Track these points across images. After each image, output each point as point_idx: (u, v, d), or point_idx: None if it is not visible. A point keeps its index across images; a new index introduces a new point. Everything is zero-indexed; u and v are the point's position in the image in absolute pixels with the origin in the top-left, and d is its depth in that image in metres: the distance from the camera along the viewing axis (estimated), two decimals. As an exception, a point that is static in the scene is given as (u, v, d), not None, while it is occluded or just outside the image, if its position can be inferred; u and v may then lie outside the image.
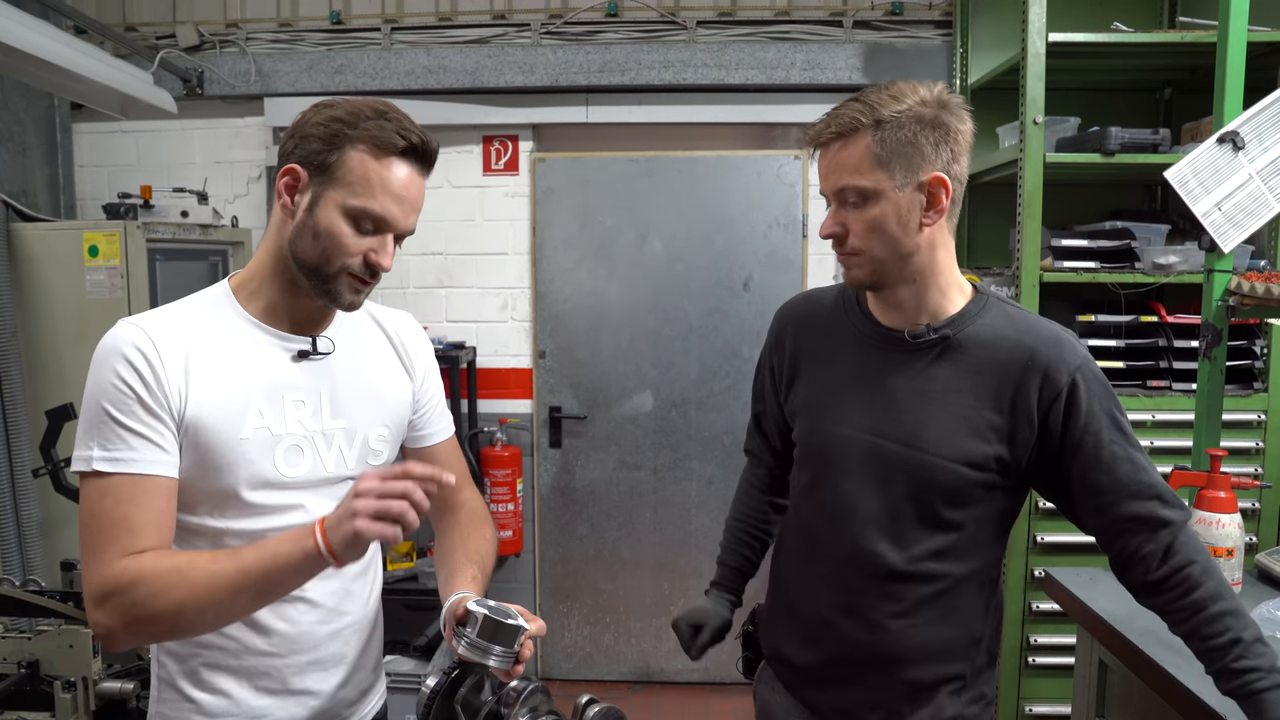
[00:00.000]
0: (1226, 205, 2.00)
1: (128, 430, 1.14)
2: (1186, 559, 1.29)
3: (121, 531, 1.12)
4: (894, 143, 1.28)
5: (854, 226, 1.33)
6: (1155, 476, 1.33)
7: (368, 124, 1.18)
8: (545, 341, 3.89)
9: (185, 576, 1.09)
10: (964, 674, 1.43)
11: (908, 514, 1.38)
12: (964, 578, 1.40)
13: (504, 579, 3.97)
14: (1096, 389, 1.33)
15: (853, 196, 1.32)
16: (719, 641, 1.70)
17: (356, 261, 1.21)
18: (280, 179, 1.21)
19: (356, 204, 1.18)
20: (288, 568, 1.10)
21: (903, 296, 1.38)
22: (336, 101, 1.22)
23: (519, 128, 3.82)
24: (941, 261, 1.37)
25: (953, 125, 1.30)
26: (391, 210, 1.20)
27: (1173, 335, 2.86)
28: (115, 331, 1.18)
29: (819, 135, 1.34)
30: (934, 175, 1.29)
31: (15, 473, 3.01)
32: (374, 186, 1.18)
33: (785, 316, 1.60)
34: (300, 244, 1.21)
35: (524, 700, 1.12)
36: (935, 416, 1.36)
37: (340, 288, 1.22)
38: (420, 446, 1.47)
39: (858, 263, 1.36)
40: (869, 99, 1.30)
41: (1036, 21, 2.70)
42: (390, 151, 1.19)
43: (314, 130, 1.19)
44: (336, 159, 1.18)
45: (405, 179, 1.21)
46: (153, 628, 1.13)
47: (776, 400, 1.61)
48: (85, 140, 3.90)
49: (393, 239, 1.23)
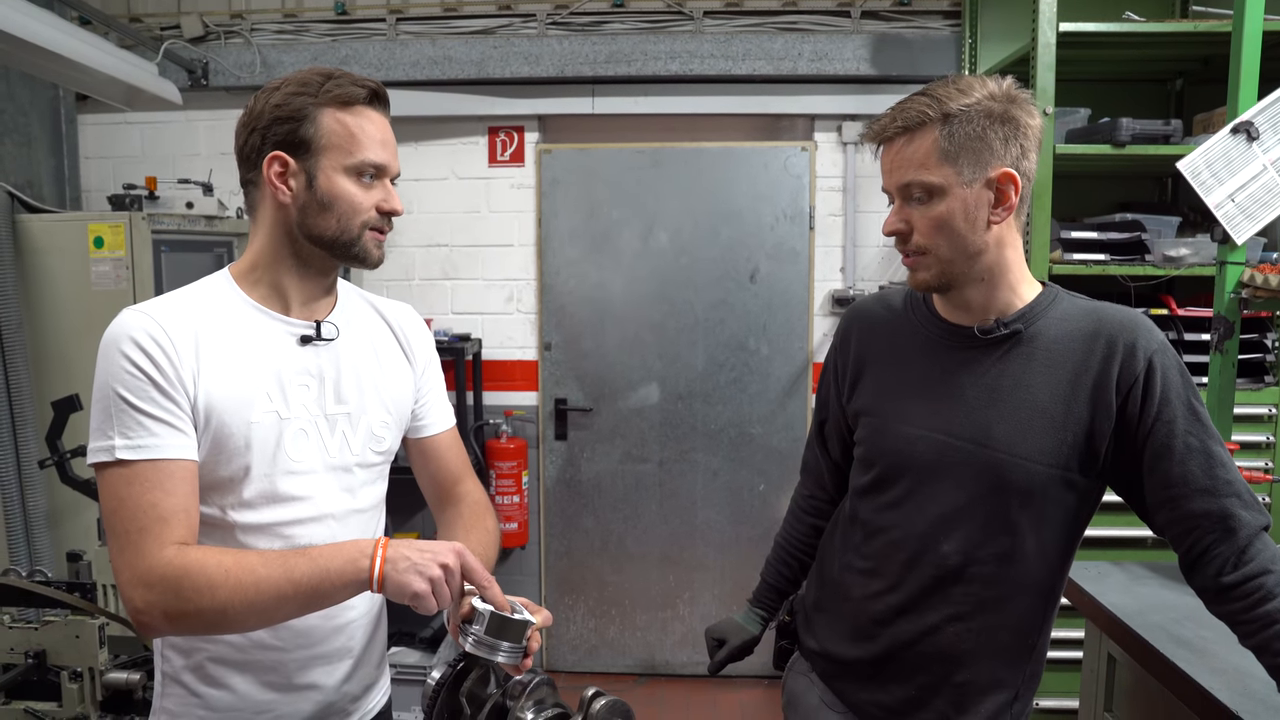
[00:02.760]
0: (1240, 196, 1.98)
1: (147, 416, 1.13)
2: (1262, 567, 1.21)
3: (153, 519, 1.11)
4: (962, 137, 1.24)
5: (919, 224, 1.29)
6: (1235, 474, 1.26)
7: (326, 85, 1.20)
8: (551, 333, 3.89)
9: (233, 577, 1.08)
10: (1014, 682, 1.41)
11: (976, 515, 1.35)
12: (1025, 585, 1.36)
13: (509, 571, 3.97)
14: (1174, 375, 1.27)
15: (918, 192, 1.28)
16: (741, 658, 1.71)
17: (372, 215, 1.24)
18: (267, 170, 1.21)
19: (353, 160, 1.21)
20: (338, 584, 1.10)
21: (970, 296, 1.35)
22: (275, 82, 1.24)
23: (524, 119, 3.80)
24: (1010, 260, 1.33)
25: (1022, 120, 1.27)
26: (383, 155, 1.24)
27: (1183, 328, 2.84)
28: (123, 320, 1.17)
29: (884, 130, 1.30)
30: (1003, 171, 1.26)
31: (22, 464, 3.01)
32: (360, 138, 1.21)
33: (851, 317, 1.57)
34: (311, 221, 1.22)
35: (529, 693, 1.11)
36: (1006, 413, 1.32)
37: (366, 245, 1.25)
38: (420, 437, 1.47)
39: (924, 263, 1.32)
40: (936, 93, 1.27)
41: (1047, 11, 2.67)
42: (357, 101, 1.22)
43: (274, 114, 1.20)
44: (312, 130, 1.20)
45: (379, 123, 1.25)
46: (194, 622, 1.12)
47: (839, 403, 1.57)
48: (90, 131, 3.89)
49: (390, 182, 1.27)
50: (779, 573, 1.74)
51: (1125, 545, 2.72)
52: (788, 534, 1.74)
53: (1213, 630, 1.54)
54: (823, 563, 1.60)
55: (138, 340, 1.14)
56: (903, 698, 1.43)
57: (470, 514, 1.44)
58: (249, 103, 1.25)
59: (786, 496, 3.95)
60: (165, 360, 1.14)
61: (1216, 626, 1.31)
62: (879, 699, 1.46)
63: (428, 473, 1.49)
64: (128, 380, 1.13)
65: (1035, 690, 1.46)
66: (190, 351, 1.17)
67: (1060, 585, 1.43)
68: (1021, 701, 1.43)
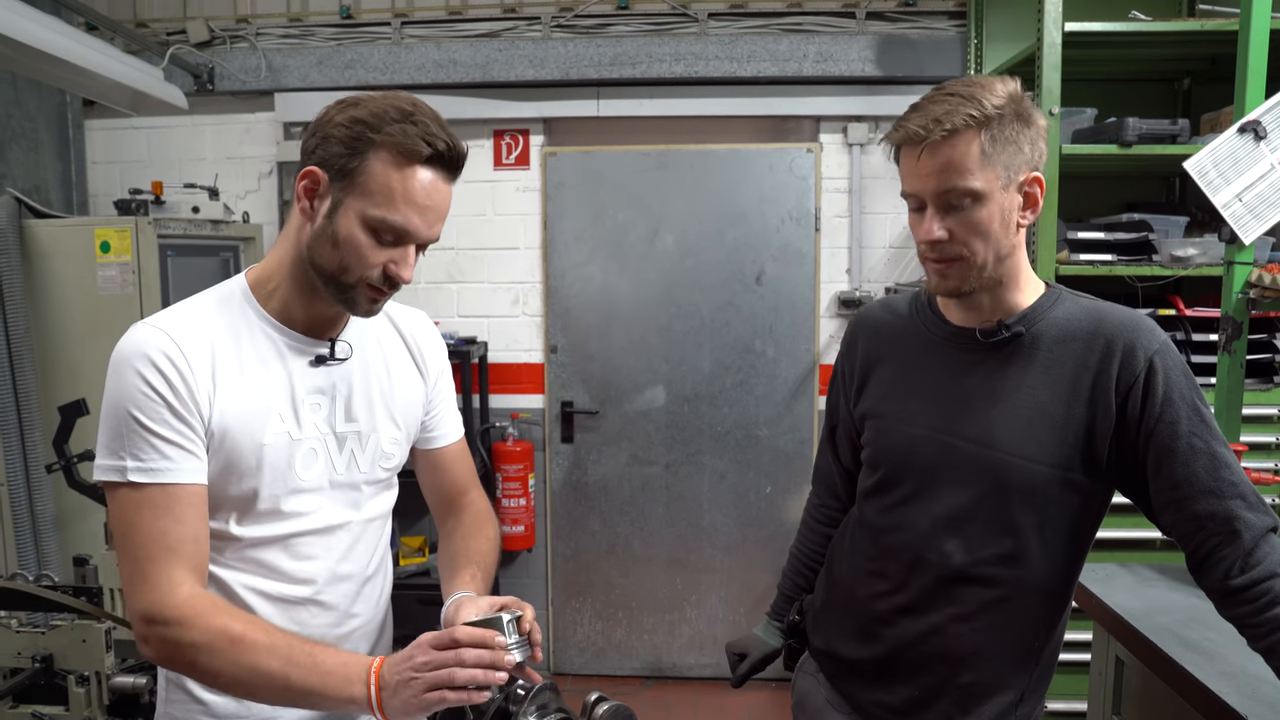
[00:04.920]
0: (1247, 196, 1.97)
1: (160, 439, 1.12)
2: (1270, 570, 1.19)
3: (161, 549, 1.11)
4: (1001, 141, 1.23)
5: (958, 230, 1.27)
6: (1240, 475, 1.24)
7: (392, 128, 1.11)
8: (557, 336, 3.89)
9: (235, 647, 1.09)
10: (1019, 685, 1.40)
11: (978, 515, 1.34)
12: (1031, 587, 1.35)
13: (516, 574, 3.97)
14: (1176, 375, 1.26)
15: (962, 199, 1.25)
16: (762, 670, 1.72)
17: (376, 273, 1.17)
18: (299, 181, 1.16)
19: (377, 214, 1.13)
20: (331, 699, 1.10)
21: (981, 299, 1.35)
22: (361, 99, 1.16)
23: (530, 122, 3.81)
24: (1020, 261, 1.34)
25: (1038, 120, 1.27)
26: (414, 221, 1.15)
27: (1191, 329, 2.83)
28: (137, 336, 1.14)
29: (926, 133, 1.23)
30: (1030, 175, 1.26)
31: (29, 468, 3.03)
32: (396, 197, 1.13)
33: (858, 323, 1.57)
34: (318, 251, 1.17)
35: (532, 698, 1.11)
36: (1008, 413, 1.32)
37: (358, 297, 1.19)
38: (429, 448, 1.46)
39: (956, 271, 1.30)
40: (965, 93, 1.23)
41: (1053, 11, 2.66)
42: (415, 159, 1.13)
43: (336, 131, 1.13)
44: (358, 165, 1.12)
45: (429, 187, 1.15)
46: (185, 670, 1.13)
47: (848, 408, 1.57)
48: (97, 136, 3.91)
49: (414, 249, 1.19)
50: (795, 584, 1.73)
51: (1132, 547, 2.70)
52: (802, 545, 1.74)
53: (1221, 633, 1.53)
54: (831, 564, 1.61)
55: (153, 359, 1.12)
56: (907, 698, 1.43)
57: (472, 523, 1.45)
58: (328, 106, 1.18)
59: (793, 498, 3.95)
60: (180, 381, 1.13)
61: (1224, 629, 1.30)
62: (883, 699, 1.46)
63: (434, 483, 1.49)
64: (141, 401, 1.11)
65: (1044, 693, 1.45)
66: (206, 372, 1.15)
67: (1069, 589, 1.42)
68: (1027, 704, 1.42)
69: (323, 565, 1.27)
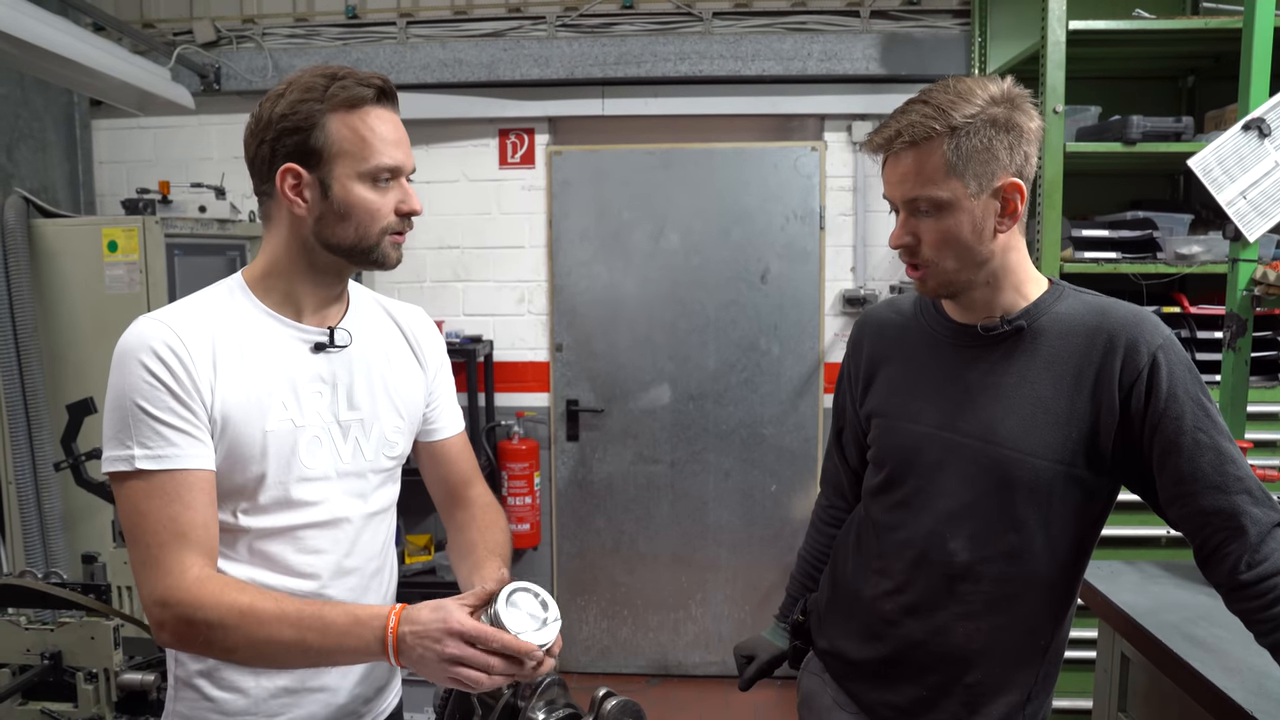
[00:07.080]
0: (1252, 193, 1.97)
1: (166, 426, 1.13)
2: (1277, 566, 1.19)
3: (172, 535, 1.12)
4: (969, 149, 1.22)
5: (926, 237, 1.28)
6: (1245, 470, 1.24)
7: (332, 88, 1.17)
8: (562, 335, 3.89)
9: (246, 621, 1.09)
10: (1025, 683, 1.40)
11: (982, 512, 1.34)
12: (1036, 583, 1.35)
13: (521, 572, 3.98)
14: (1180, 370, 1.26)
15: (925, 206, 1.27)
16: (770, 672, 1.71)
17: (391, 219, 1.22)
18: (281, 184, 1.19)
19: (367, 166, 1.18)
20: (349, 656, 1.11)
21: (977, 298, 1.35)
22: (280, 87, 1.20)
23: (535, 121, 3.82)
24: (1014, 262, 1.33)
25: (1024, 125, 1.25)
26: (397, 155, 1.21)
27: (1196, 326, 2.83)
28: (139, 329, 1.16)
29: (889, 144, 1.27)
30: (1009, 181, 1.25)
31: (38, 466, 3.04)
32: (373, 141, 1.18)
33: (863, 323, 1.57)
34: (329, 230, 1.20)
35: (541, 693, 1.12)
36: (1011, 409, 1.32)
37: (384, 249, 1.23)
38: (431, 441, 1.47)
39: (930, 274, 1.31)
40: (937, 100, 1.24)
41: (1057, 9, 2.66)
42: (365, 103, 1.18)
43: (282, 124, 1.17)
44: (322, 138, 1.16)
45: (390, 122, 1.21)
46: (202, 650, 1.14)
47: (854, 408, 1.57)
48: (104, 136, 3.93)
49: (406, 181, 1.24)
50: (803, 586, 1.73)
51: (1138, 544, 2.71)
52: (810, 548, 1.74)
53: (1227, 629, 1.54)
54: (836, 563, 1.60)
55: (155, 350, 1.14)
56: (914, 698, 1.43)
57: (483, 516, 1.45)
58: (255, 110, 1.21)
59: (799, 496, 3.95)
60: (183, 370, 1.14)
61: (1230, 625, 1.30)
62: (890, 699, 1.45)
63: (437, 476, 1.50)
64: (146, 390, 1.13)
65: (1051, 691, 1.45)
66: (207, 360, 1.17)
67: (1074, 586, 1.41)
68: (1035, 703, 1.42)
69: (329, 559, 1.27)
